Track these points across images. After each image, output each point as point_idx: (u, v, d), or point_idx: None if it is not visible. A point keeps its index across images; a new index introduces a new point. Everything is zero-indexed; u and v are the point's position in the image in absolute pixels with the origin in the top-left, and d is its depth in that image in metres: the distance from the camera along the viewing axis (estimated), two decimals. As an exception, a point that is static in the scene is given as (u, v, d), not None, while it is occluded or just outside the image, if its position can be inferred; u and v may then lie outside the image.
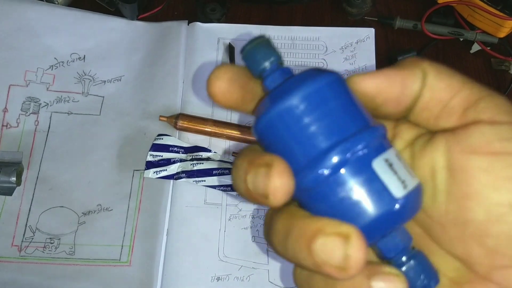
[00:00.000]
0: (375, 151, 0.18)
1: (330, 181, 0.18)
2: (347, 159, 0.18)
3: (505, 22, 0.58)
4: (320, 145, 0.18)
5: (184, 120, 0.53)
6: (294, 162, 0.18)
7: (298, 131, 0.18)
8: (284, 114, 0.18)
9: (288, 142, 0.18)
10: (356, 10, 0.63)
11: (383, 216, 0.18)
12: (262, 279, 0.49)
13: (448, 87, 0.20)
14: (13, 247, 0.49)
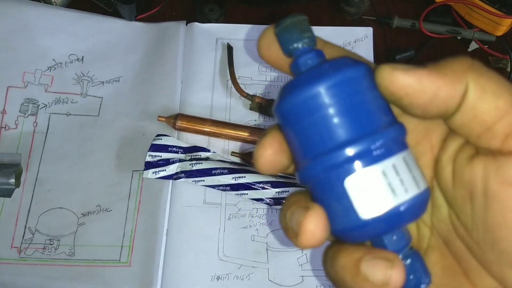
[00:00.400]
0: (382, 155, 0.18)
1: (338, 173, 0.18)
2: (359, 156, 0.18)
3: (503, 20, 0.58)
4: (337, 139, 0.18)
5: (183, 120, 0.53)
6: (310, 149, 0.19)
7: (319, 120, 0.18)
8: (309, 100, 0.18)
9: (308, 128, 0.19)
10: (354, 9, 0.63)
11: (379, 217, 0.18)
12: (262, 278, 0.49)
13: (493, 110, 0.18)
14: (13, 249, 0.49)
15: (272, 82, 0.59)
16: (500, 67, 0.62)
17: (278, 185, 0.51)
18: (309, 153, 0.19)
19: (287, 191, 0.51)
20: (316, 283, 0.49)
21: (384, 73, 0.19)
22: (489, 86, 0.18)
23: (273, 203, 0.51)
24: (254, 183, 0.51)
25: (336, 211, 0.19)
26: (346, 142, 0.18)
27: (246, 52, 0.60)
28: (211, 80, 0.58)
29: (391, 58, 0.61)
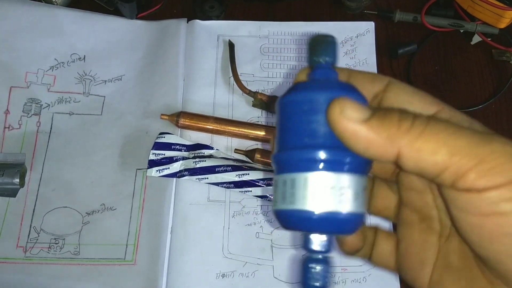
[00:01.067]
0: (347, 170, 0.21)
1: (308, 166, 0.21)
2: (330, 162, 0.21)
3: (506, 12, 0.58)
4: (318, 140, 0.21)
5: (186, 118, 0.53)
6: (285, 140, 0.22)
7: (309, 120, 0.21)
8: (305, 103, 0.22)
9: (298, 124, 0.22)
10: (355, 4, 0.62)
11: (321, 214, 0.21)
12: (267, 275, 0.49)
13: (432, 166, 0.20)
14: (18, 248, 0.49)
15: (274, 78, 0.59)
16: (503, 60, 0.61)
17: (282, 181, 0.51)
18: (291, 142, 0.22)
19: (291, 188, 0.51)
20: (321, 279, 0.49)
21: (333, 111, 0.20)
22: (425, 147, 0.19)
23: (277, 199, 0.51)
24: (258, 180, 0.51)
25: (288, 194, 0.22)
26: (324, 146, 0.21)
27: (248, 48, 0.60)
28: (213, 77, 0.58)
29: (393, 52, 0.61)
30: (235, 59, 0.58)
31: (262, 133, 0.54)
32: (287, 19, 0.63)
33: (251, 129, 0.54)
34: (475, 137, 0.19)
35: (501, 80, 0.61)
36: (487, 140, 0.19)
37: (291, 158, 0.22)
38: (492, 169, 0.18)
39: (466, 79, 0.61)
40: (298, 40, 0.61)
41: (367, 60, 0.60)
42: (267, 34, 0.61)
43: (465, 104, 0.59)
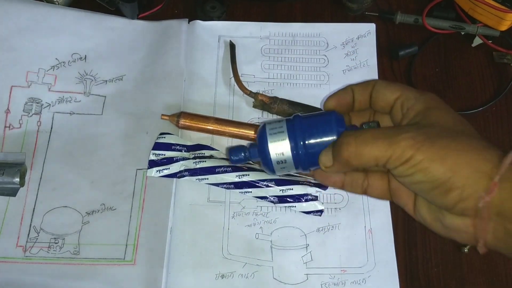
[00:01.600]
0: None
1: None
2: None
3: (507, 15, 0.58)
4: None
5: (186, 118, 0.53)
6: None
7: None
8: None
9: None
10: (357, 5, 0.62)
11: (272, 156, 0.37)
12: (266, 276, 0.49)
13: (442, 174, 0.31)
14: (18, 248, 0.49)
15: (275, 79, 0.59)
16: (504, 62, 0.61)
17: (282, 183, 0.51)
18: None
19: (291, 189, 0.51)
20: (320, 281, 0.49)
21: (349, 147, 0.33)
22: (436, 156, 0.30)
23: (277, 201, 0.51)
24: (258, 181, 0.51)
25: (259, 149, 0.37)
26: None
27: (249, 49, 0.60)
28: (214, 77, 0.58)
29: (394, 54, 0.61)
30: (236, 59, 0.58)
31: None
32: (288, 20, 0.63)
33: (252, 130, 0.54)
34: (385, 140, 0.31)
35: (501, 83, 0.61)
36: (393, 141, 0.31)
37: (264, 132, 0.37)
38: (397, 156, 0.31)
39: (467, 81, 0.61)
40: (299, 41, 0.61)
41: (368, 61, 0.60)
42: (268, 35, 0.61)
43: (466, 106, 0.59)
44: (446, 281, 0.51)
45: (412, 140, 0.30)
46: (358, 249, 0.51)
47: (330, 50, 0.61)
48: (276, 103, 0.55)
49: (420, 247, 0.52)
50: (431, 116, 0.33)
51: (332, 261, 0.50)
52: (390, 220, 0.52)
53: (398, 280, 0.49)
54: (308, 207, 0.51)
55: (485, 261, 0.51)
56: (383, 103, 0.37)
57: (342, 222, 0.52)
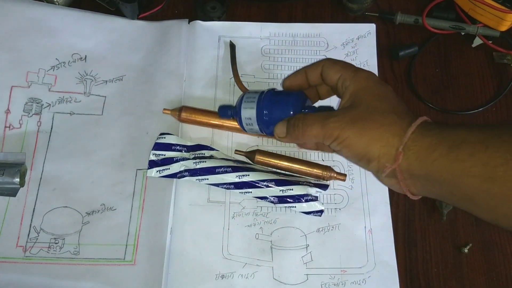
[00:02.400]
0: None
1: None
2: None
3: (507, 15, 0.58)
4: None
5: (187, 112, 0.53)
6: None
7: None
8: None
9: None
10: (357, 6, 0.62)
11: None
12: (266, 276, 0.49)
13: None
14: (18, 248, 0.49)
15: (275, 79, 0.59)
16: (504, 62, 0.61)
17: (282, 183, 0.51)
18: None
19: (291, 189, 0.51)
20: (320, 281, 0.49)
21: (297, 128, 0.43)
22: (356, 135, 0.39)
23: (277, 201, 0.51)
24: (258, 181, 0.51)
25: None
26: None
27: (249, 49, 0.60)
28: (214, 78, 0.58)
29: (395, 54, 0.61)
30: (236, 60, 0.58)
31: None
32: (289, 21, 0.63)
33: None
34: (320, 123, 0.40)
35: (501, 83, 0.61)
36: (324, 123, 0.40)
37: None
38: (328, 135, 0.40)
39: (467, 81, 0.61)
40: (299, 41, 0.61)
41: (368, 61, 0.60)
42: (268, 35, 0.61)
43: (466, 106, 0.59)
44: (446, 281, 0.51)
45: (338, 122, 0.39)
46: (358, 250, 0.51)
47: (330, 50, 0.61)
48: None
49: (420, 247, 0.52)
50: (359, 97, 0.40)
51: (332, 261, 0.50)
52: (390, 220, 0.52)
53: (398, 280, 0.49)
54: (308, 208, 0.51)
55: (485, 261, 0.52)
56: (330, 82, 0.44)
57: (342, 222, 0.52)
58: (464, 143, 0.34)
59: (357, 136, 0.38)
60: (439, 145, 0.35)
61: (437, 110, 0.59)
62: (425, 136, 0.36)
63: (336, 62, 0.44)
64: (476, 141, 0.34)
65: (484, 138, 0.33)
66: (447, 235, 0.53)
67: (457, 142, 0.34)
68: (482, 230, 0.53)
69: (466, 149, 0.34)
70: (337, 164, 0.55)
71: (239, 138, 0.55)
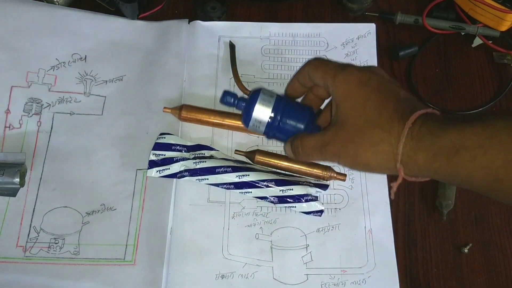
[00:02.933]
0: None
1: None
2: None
3: (507, 15, 0.58)
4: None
5: (188, 110, 0.53)
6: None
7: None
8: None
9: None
10: (357, 6, 0.62)
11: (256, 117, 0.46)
12: (266, 276, 0.49)
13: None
14: (18, 248, 0.49)
15: (275, 79, 0.59)
16: (504, 62, 0.61)
17: (282, 183, 0.51)
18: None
19: (291, 189, 0.51)
20: (320, 281, 0.49)
21: (298, 155, 0.45)
22: (353, 161, 0.40)
23: (277, 201, 0.51)
24: (258, 181, 0.51)
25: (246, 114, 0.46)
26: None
27: (249, 49, 0.60)
28: (214, 78, 0.58)
29: (395, 54, 0.61)
30: (236, 60, 0.58)
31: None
32: (289, 21, 0.63)
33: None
34: (318, 152, 0.42)
35: (501, 83, 0.61)
36: (322, 152, 0.42)
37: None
38: (329, 161, 0.43)
39: (467, 81, 0.61)
40: (299, 41, 0.61)
41: (368, 61, 0.60)
42: (268, 35, 0.61)
43: (466, 106, 0.59)
44: (446, 281, 0.51)
45: (334, 148, 0.40)
46: (358, 250, 0.51)
47: (330, 50, 0.61)
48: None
49: (420, 247, 0.52)
50: (344, 111, 0.40)
51: (332, 261, 0.50)
52: (390, 221, 0.52)
53: (398, 280, 0.49)
54: (308, 208, 0.51)
55: (485, 261, 0.52)
56: (321, 85, 0.44)
57: (342, 222, 0.52)
58: (462, 150, 0.34)
59: (354, 159, 0.39)
60: (437, 156, 0.35)
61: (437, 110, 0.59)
62: (419, 150, 0.36)
63: (317, 67, 0.43)
64: (474, 145, 0.33)
65: (481, 142, 0.33)
66: (447, 235, 0.53)
67: (454, 150, 0.34)
68: (482, 230, 0.53)
69: (465, 155, 0.33)
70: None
71: (239, 138, 0.55)
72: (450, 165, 0.34)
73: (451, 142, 0.34)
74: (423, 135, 0.36)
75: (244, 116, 0.47)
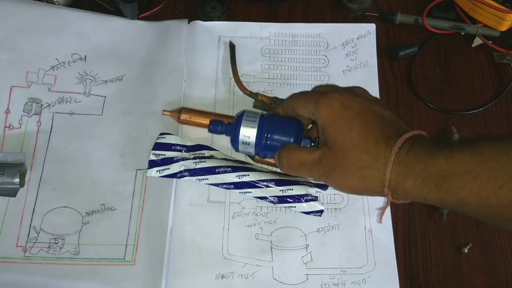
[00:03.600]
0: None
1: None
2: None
3: (507, 15, 0.58)
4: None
5: (187, 113, 0.53)
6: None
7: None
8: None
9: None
10: (357, 6, 0.62)
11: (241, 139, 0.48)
12: (266, 276, 0.49)
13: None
14: (18, 248, 0.49)
15: (275, 79, 0.59)
16: (504, 62, 0.61)
17: (282, 183, 0.51)
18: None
19: (291, 189, 0.51)
20: (320, 281, 0.49)
21: (283, 167, 0.45)
22: (339, 182, 0.41)
23: (277, 201, 0.51)
24: (258, 181, 0.51)
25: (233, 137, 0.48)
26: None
27: (249, 49, 0.60)
28: (214, 78, 0.58)
29: (395, 54, 0.61)
30: (236, 60, 0.58)
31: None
32: (289, 21, 0.63)
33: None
34: (306, 169, 0.43)
35: (501, 83, 0.61)
36: (311, 170, 0.42)
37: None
38: (317, 179, 0.44)
39: (467, 81, 0.61)
40: (299, 41, 0.61)
41: (368, 62, 0.60)
42: (268, 35, 0.61)
43: (466, 106, 0.59)
44: (446, 281, 0.51)
45: (321, 171, 0.41)
46: (358, 250, 0.51)
47: (330, 50, 0.61)
48: (276, 103, 0.55)
49: (420, 247, 0.52)
50: (329, 135, 0.40)
51: (332, 261, 0.50)
52: (390, 221, 0.52)
53: (398, 280, 0.49)
54: (308, 208, 0.51)
55: (485, 261, 0.52)
56: (305, 117, 0.45)
57: (342, 222, 0.52)
58: (451, 177, 0.34)
59: (342, 182, 0.39)
60: (426, 183, 0.35)
61: (437, 110, 0.59)
62: (407, 176, 0.35)
63: (299, 99, 0.44)
64: (463, 172, 0.33)
65: (470, 168, 0.33)
66: (447, 235, 0.53)
67: (442, 177, 0.34)
68: (482, 230, 0.53)
69: (454, 183, 0.33)
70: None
71: (239, 138, 0.55)
72: (439, 191, 0.34)
73: (440, 168, 0.34)
74: (411, 161, 0.35)
75: (232, 140, 0.49)
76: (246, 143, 0.48)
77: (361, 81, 0.59)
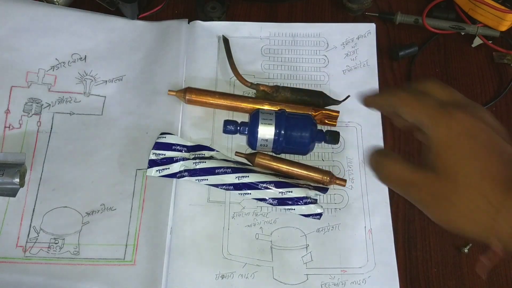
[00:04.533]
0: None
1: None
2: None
3: (507, 15, 0.58)
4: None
5: (192, 93, 0.54)
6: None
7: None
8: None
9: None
10: (357, 6, 0.62)
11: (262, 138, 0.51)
12: (266, 276, 0.49)
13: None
14: (18, 248, 0.49)
15: (275, 79, 0.59)
16: (504, 62, 0.61)
17: (282, 185, 0.51)
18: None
19: (291, 192, 0.51)
20: (320, 281, 0.49)
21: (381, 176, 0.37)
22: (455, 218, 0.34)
23: (276, 203, 0.51)
24: (258, 183, 0.51)
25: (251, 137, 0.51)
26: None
27: (249, 49, 0.60)
28: (214, 78, 0.58)
29: (395, 54, 0.61)
30: (231, 54, 0.58)
31: (266, 107, 0.54)
32: (289, 21, 0.63)
33: (256, 103, 0.54)
34: (412, 180, 0.35)
35: (501, 83, 0.61)
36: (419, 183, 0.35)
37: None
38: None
39: (467, 81, 0.61)
40: (299, 41, 0.61)
41: (368, 61, 0.60)
42: (268, 35, 0.61)
43: (466, 106, 0.59)
44: (446, 281, 0.51)
45: (418, 197, 0.34)
46: (358, 250, 0.51)
47: (330, 50, 0.61)
48: (278, 92, 0.55)
49: (420, 247, 0.52)
50: (439, 160, 0.33)
51: (332, 261, 0.50)
52: (390, 221, 0.52)
53: (398, 280, 0.49)
54: (307, 210, 0.51)
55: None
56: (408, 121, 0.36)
57: (342, 222, 0.52)
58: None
59: (446, 219, 0.34)
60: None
61: (437, 110, 0.59)
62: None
63: (408, 103, 0.35)
64: None
65: None
66: (447, 235, 0.53)
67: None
68: (482, 230, 0.53)
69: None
70: (337, 164, 0.55)
71: (239, 139, 0.55)
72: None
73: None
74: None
75: (250, 139, 0.51)
76: (265, 140, 0.50)
77: (361, 81, 0.59)
